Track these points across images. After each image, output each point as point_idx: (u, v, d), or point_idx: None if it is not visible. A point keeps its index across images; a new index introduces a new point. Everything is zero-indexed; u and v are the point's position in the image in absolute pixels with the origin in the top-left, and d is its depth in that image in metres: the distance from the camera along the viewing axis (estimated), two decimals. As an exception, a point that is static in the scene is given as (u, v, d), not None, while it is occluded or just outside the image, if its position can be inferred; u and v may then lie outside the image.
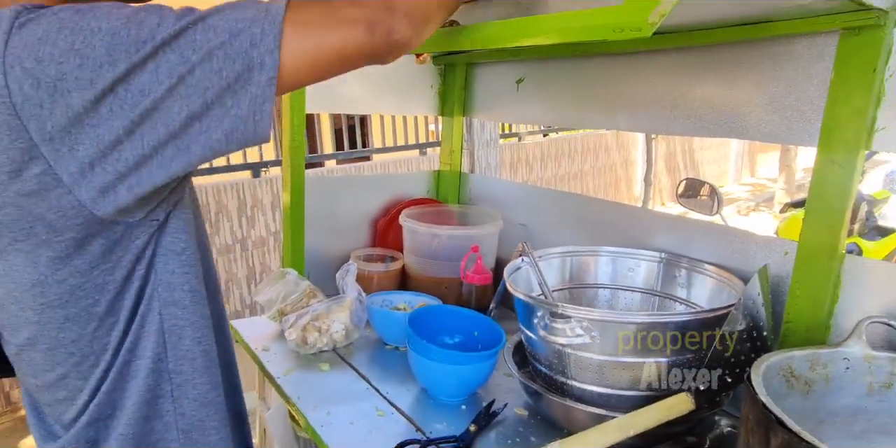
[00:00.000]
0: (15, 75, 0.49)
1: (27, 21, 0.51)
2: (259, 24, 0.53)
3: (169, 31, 0.51)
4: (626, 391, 0.87)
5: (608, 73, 1.23)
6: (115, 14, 0.51)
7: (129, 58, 0.50)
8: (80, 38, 0.50)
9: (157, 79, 0.51)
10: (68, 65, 0.49)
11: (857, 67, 0.79)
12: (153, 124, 0.52)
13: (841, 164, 0.82)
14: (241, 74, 0.53)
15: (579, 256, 1.16)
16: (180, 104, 0.52)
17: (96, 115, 0.51)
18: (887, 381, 0.76)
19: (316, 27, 0.57)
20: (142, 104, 0.51)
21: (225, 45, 0.52)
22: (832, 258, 0.84)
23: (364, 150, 4.87)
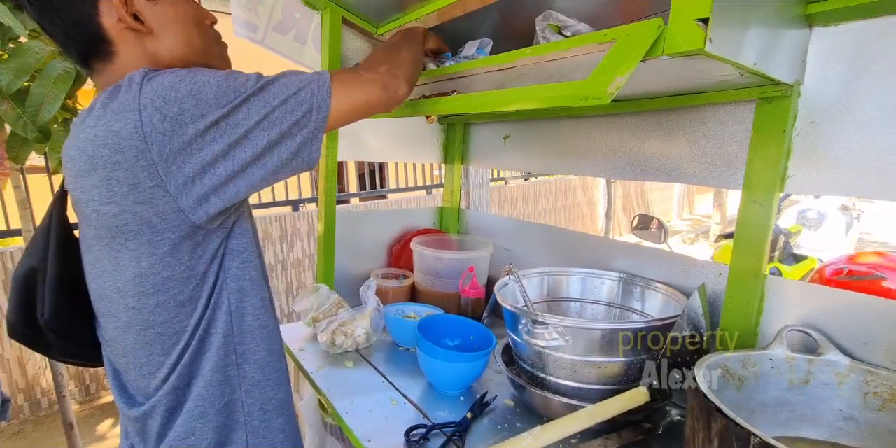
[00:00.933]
0: (147, 112, 0.54)
1: (155, 76, 0.57)
2: (316, 83, 0.64)
3: (256, 86, 0.59)
4: (593, 385, 0.87)
5: (576, 131, 1.27)
6: (217, 74, 0.59)
7: (229, 102, 0.57)
8: (195, 87, 0.56)
9: (248, 116, 0.58)
10: (187, 104, 0.55)
11: (770, 128, 0.82)
12: (243, 149, 0.59)
13: (761, 204, 0.84)
14: (305, 114, 0.62)
15: (555, 276, 1.16)
16: (263, 134, 0.59)
17: (202, 141, 0.57)
18: (805, 378, 0.76)
19: (352, 87, 0.68)
20: (236, 134, 0.58)
21: (296, 95, 0.62)
22: (757, 278, 0.85)
23: (382, 190, 4.92)
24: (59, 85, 1.29)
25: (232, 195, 0.60)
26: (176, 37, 0.66)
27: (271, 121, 0.59)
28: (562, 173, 1.44)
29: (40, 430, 2.73)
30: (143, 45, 0.64)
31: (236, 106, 0.57)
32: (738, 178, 0.89)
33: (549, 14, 0.89)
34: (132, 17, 0.62)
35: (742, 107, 0.89)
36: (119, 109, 0.55)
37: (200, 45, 0.69)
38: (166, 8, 0.65)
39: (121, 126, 0.55)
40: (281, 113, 0.60)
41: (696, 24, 0.55)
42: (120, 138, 0.55)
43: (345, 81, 0.67)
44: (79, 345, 0.71)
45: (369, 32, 1.33)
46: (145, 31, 0.64)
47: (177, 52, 0.67)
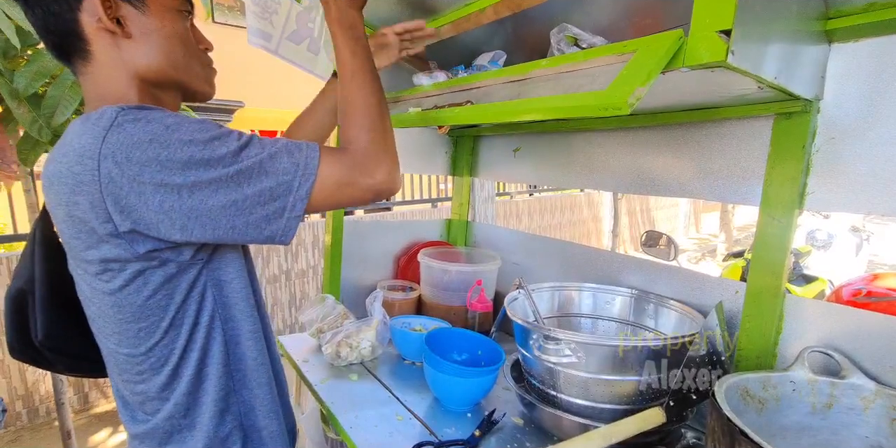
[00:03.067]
0: (107, 164, 0.52)
1: (125, 121, 0.53)
2: (298, 177, 0.58)
3: (233, 166, 0.55)
4: (607, 404, 0.83)
5: (588, 145, 1.26)
6: (196, 140, 0.54)
7: (198, 178, 0.54)
8: (164, 153, 0.53)
9: (213, 197, 0.55)
10: (150, 169, 0.53)
11: (789, 144, 0.80)
12: (202, 224, 0.56)
13: (779, 221, 0.82)
14: (277, 211, 0.58)
15: (566, 290, 1.14)
16: (226, 219, 0.56)
17: (159, 203, 0.54)
18: (828, 402, 0.73)
19: (338, 190, 0.62)
20: (196, 209, 0.55)
21: (272, 189, 0.57)
22: (776, 297, 0.83)
23: (388, 202, 4.92)
24: (75, 89, 1.30)
25: (180, 249, 0.60)
26: (157, 48, 0.63)
27: (239, 208, 0.56)
28: (572, 187, 1.43)
29: (37, 438, 2.69)
30: (120, 49, 0.62)
31: (203, 183, 0.54)
32: (756, 194, 0.87)
33: (564, 27, 0.89)
34: (114, 21, 0.60)
35: (759, 122, 0.88)
36: (81, 151, 0.53)
37: (182, 62, 0.66)
38: (154, 19, 0.63)
39: (80, 169, 0.53)
40: (251, 204, 0.56)
41: (718, 35, 0.54)
42: (78, 182, 0.53)
43: (335, 178, 0.61)
44: (79, 359, 0.71)
45: (383, 45, 1.34)
46: (123, 36, 0.61)
47: (154, 63, 0.63)
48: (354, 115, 0.69)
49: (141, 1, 0.62)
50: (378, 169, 0.65)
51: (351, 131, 0.68)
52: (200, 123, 0.56)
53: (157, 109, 0.56)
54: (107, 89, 0.62)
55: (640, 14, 0.93)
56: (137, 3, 0.62)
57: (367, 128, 0.68)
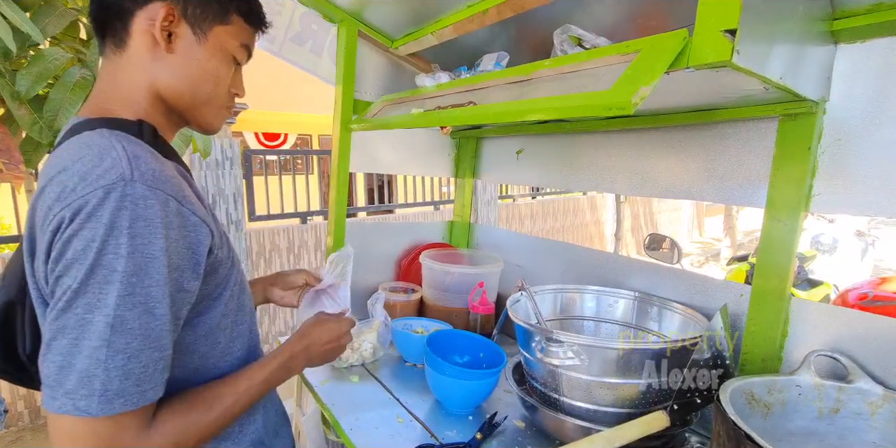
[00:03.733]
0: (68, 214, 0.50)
1: (121, 196, 0.49)
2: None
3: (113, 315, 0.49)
4: (610, 408, 0.82)
5: (591, 147, 1.25)
6: (120, 271, 0.49)
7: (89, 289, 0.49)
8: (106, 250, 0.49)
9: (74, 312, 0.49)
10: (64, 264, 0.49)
11: (794, 146, 0.80)
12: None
13: (785, 223, 0.81)
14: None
15: (568, 293, 1.13)
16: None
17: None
18: (834, 407, 0.72)
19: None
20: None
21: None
22: (781, 300, 0.82)
23: (390, 205, 4.93)
24: (77, 91, 1.30)
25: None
26: (188, 76, 0.62)
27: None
28: (576, 189, 1.42)
29: (39, 438, 2.69)
30: (153, 58, 0.60)
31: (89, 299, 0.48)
32: (761, 196, 0.87)
33: (568, 27, 0.88)
34: (165, 33, 0.60)
35: (764, 123, 0.87)
36: (74, 185, 0.50)
37: (203, 98, 0.65)
38: (203, 51, 0.62)
39: (47, 224, 0.51)
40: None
41: (723, 35, 0.54)
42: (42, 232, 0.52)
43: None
44: None
45: (385, 46, 1.34)
46: (165, 48, 0.60)
47: (176, 86, 0.62)
48: (210, 414, 0.58)
49: (203, 31, 0.62)
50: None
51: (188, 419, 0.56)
52: (145, 275, 0.50)
53: (157, 205, 0.51)
54: (121, 85, 0.61)
55: (644, 15, 0.93)
56: (199, 31, 0.62)
57: (195, 431, 0.56)
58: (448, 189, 5.86)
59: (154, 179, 0.52)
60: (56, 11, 1.35)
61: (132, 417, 0.50)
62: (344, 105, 1.29)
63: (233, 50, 0.65)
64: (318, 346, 0.76)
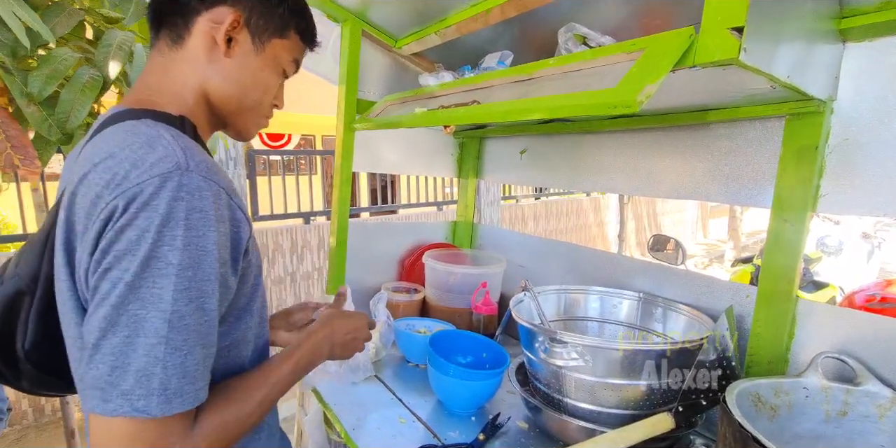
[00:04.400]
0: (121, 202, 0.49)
1: (175, 187, 0.48)
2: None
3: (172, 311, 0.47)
4: (614, 409, 0.82)
5: (595, 147, 1.25)
6: (175, 264, 0.47)
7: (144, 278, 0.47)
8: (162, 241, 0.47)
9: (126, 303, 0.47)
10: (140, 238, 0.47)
11: (802, 145, 0.79)
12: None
13: (792, 223, 0.80)
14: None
15: (572, 293, 1.12)
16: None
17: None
18: (842, 410, 0.71)
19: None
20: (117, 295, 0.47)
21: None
22: (788, 301, 0.81)
23: (393, 205, 4.93)
24: (88, 91, 1.31)
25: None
26: (239, 81, 0.63)
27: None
28: (580, 189, 1.41)
29: (43, 437, 2.70)
30: (209, 59, 0.61)
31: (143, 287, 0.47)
32: (767, 196, 0.86)
33: (572, 26, 0.88)
34: (226, 37, 0.60)
35: (771, 123, 0.87)
36: (105, 196, 0.48)
37: (248, 105, 0.66)
38: (258, 60, 0.64)
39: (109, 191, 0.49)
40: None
41: (730, 33, 0.53)
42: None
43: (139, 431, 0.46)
44: (55, 375, 0.61)
45: (388, 45, 1.34)
46: (221, 52, 0.61)
47: (227, 90, 0.63)
48: (248, 404, 0.57)
49: (262, 42, 0.63)
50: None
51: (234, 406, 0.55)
52: (199, 267, 0.48)
53: (211, 197, 0.50)
54: (171, 81, 0.61)
55: (649, 14, 0.93)
56: (258, 41, 0.63)
57: (235, 422, 0.55)
58: (451, 190, 5.86)
59: (208, 171, 0.51)
60: (64, 11, 1.35)
61: (181, 419, 0.48)
62: (347, 104, 1.29)
63: (284, 63, 0.67)
64: (340, 335, 0.75)
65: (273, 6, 0.63)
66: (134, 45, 1.42)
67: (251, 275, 0.59)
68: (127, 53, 1.40)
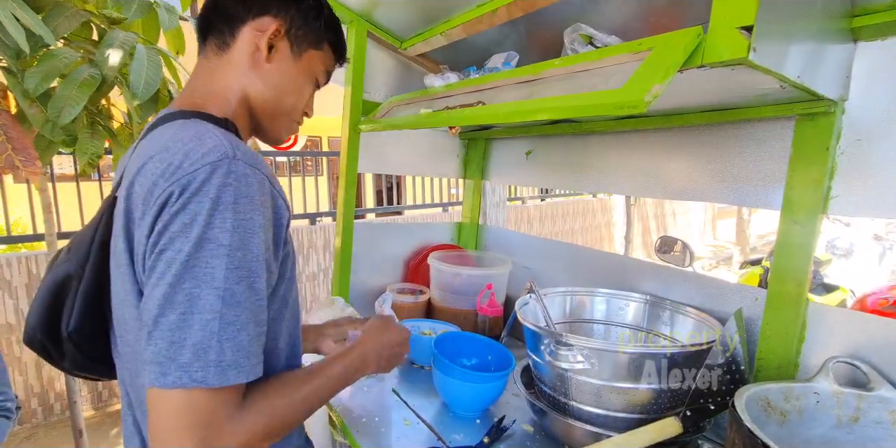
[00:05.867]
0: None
1: (227, 172, 0.52)
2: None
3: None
4: (620, 413, 0.81)
5: (600, 148, 1.24)
6: (228, 244, 0.50)
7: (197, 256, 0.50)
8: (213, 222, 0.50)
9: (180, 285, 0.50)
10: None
11: (812, 146, 0.78)
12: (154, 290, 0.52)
13: (802, 225, 0.79)
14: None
15: (578, 295, 1.12)
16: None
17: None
18: (854, 415, 0.70)
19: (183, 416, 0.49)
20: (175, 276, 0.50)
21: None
22: (798, 304, 0.79)
23: (399, 206, 4.93)
24: (84, 89, 1.32)
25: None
26: (277, 87, 0.68)
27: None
28: (586, 191, 1.40)
29: (51, 435, 2.72)
30: (252, 65, 0.66)
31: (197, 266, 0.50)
32: (776, 198, 0.85)
33: (579, 26, 0.87)
34: (268, 45, 0.66)
35: (780, 123, 0.85)
36: (160, 184, 0.52)
37: (284, 109, 0.71)
38: (294, 68, 0.69)
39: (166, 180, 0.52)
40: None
41: (739, 32, 0.53)
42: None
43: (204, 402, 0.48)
44: (95, 360, 0.66)
45: (394, 46, 1.34)
46: (262, 57, 0.66)
47: (266, 94, 0.68)
48: (296, 407, 0.59)
49: (299, 52, 0.69)
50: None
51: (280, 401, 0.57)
52: (250, 245, 0.52)
53: (255, 184, 0.53)
54: (217, 84, 0.66)
55: (656, 14, 0.92)
56: (296, 51, 0.69)
57: (281, 428, 0.57)
58: (457, 191, 5.85)
59: (253, 160, 0.55)
60: (67, 12, 1.36)
61: (234, 392, 0.51)
62: (353, 106, 1.29)
63: (318, 73, 0.73)
64: (387, 349, 0.78)
65: (311, 20, 0.69)
66: (135, 45, 1.43)
67: (289, 263, 0.62)
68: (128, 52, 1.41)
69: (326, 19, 0.72)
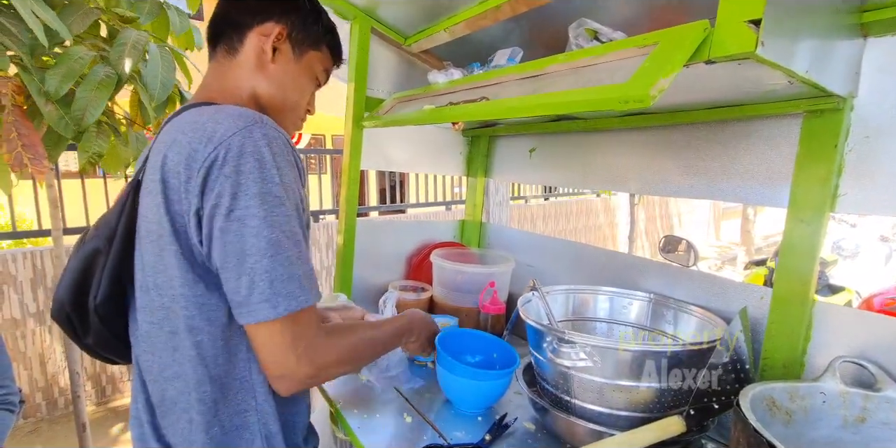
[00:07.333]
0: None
1: (257, 131, 0.60)
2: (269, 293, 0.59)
3: (272, 229, 0.60)
4: (622, 411, 0.80)
5: (606, 145, 1.23)
6: (274, 194, 0.59)
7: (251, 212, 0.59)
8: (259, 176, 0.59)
9: (244, 237, 0.60)
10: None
11: (820, 144, 0.77)
12: (218, 249, 0.61)
13: (808, 223, 0.78)
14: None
15: (581, 293, 1.11)
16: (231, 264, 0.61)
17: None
18: (861, 416, 0.69)
19: (274, 343, 0.61)
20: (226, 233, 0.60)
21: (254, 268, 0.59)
22: (804, 303, 0.79)
23: (402, 204, 4.93)
24: (102, 90, 1.33)
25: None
26: (280, 85, 0.74)
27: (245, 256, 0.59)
28: (590, 189, 1.40)
29: (55, 429, 2.74)
30: (258, 66, 0.73)
31: (247, 220, 0.58)
32: (783, 196, 0.83)
33: (584, 21, 0.86)
34: (272, 47, 0.72)
35: (788, 120, 0.84)
36: (201, 151, 0.58)
37: (287, 105, 0.77)
38: (296, 67, 0.76)
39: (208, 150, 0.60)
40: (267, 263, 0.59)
41: (747, 25, 0.52)
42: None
43: (290, 331, 0.60)
44: (116, 336, 0.70)
45: (397, 43, 1.34)
46: (267, 59, 0.73)
47: (270, 92, 0.74)
48: (358, 353, 0.73)
49: (300, 53, 0.76)
50: (309, 372, 0.62)
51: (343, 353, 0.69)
52: (288, 189, 0.61)
53: (283, 145, 0.62)
54: (228, 84, 0.72)
55: (662, 9, 0.91)
56: (297, 51, 0.76)
57: (349, 359, 0.70)
58: (460, 189, 5.85)
59: (275, 126, 0.62)
60: (80, 10, 1.37)
61: (315, 312, 0.62)
62: (356, 102, 1.29)
63: (317, 72, 0.80)
64: (427, 331, 0.93)
65: (310, 24, 0.76)
66: (148, 43, 1.44)
67: (307, 214, 0.69)
68: (141, 52, 1.42)
69: (324, 23, 0.78)
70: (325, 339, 0.64)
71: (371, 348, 0.76)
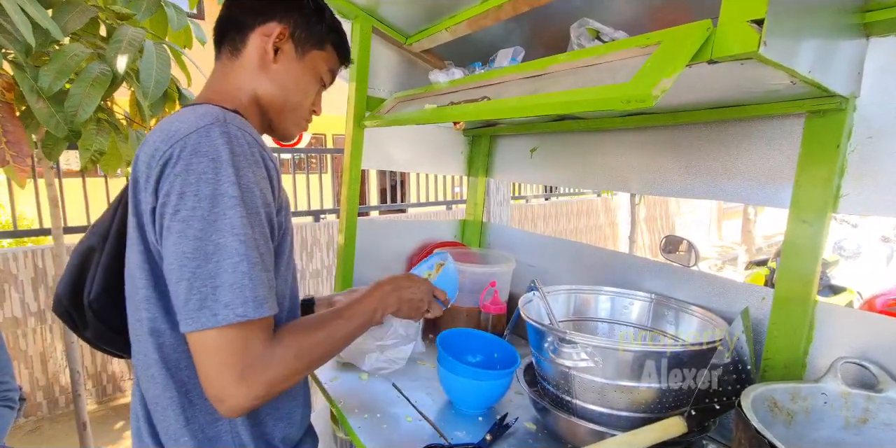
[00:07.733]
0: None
1: (217, 131, 0.58)
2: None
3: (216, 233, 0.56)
4: (624, 412, 0.80)
5: (607, 145, 1.23)
6: (231, 195, 0.56)
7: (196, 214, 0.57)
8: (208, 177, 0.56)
9: (186, 239, 0.57)
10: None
11: (822, 144, 0.76)
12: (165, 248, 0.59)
13: (810, 224, 0.78)
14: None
15: (582, 294, 1.11)
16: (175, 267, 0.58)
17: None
18: (862, 417, 0.69)
19: (211, 356, 0.55)
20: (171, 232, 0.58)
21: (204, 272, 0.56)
22: (806, 304, 0.78)
23: (403, 204, 4.93)
24: (97, 87, 1.32)
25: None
26: (282, 85, 0.73)
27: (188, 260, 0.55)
28: (591, 188, 1.39)
29: (56, 428, 2.75)
30: (261, 66, 0.72)
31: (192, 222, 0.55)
32: (785, 196, 0.83)
33: (585, 21, 0.86)
34: (274, 48, 0.71)
35: (790, 120, 0.84)
36: (161, 148, 0.58)
37: (290, 105, 0.76)
38: (298, 67, 0.74)
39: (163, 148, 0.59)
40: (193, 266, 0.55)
41: (750, 25, 0.52)
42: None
43: (229, 346, 0.54)
44: (114, 330, 0.72)
45: (399, 42, 1.34)
46: (270, 59, 0.72)
47: (273, 92, 0.73)
48: (318, 350, 0.65)
49: (302, 53, 0.74)
50: (255, 390, 0.55)
51: (298, 346, 0.62)
52: (251, 192, 0.58)
53: (245, 145, 0.59)
54: (230, 84, 0.72)
55: (664, 9, 0.91)
56: (300, 51, 0.74)
57: (305, 365, 0.62)
58: (461, 189, 5.84)
59: (241, 125, 0.60)
60: (77, 8, 1.37)
61: (268, 323, 0.57)
62: (357, 102, 1.29)
63: (322, 72, 0.78)
64: (406, 291, 0.83)
65: (314, 22, 0.74)
66: (144, 41, 1.43)
67: (283, 215, 0.67)
68: (137, 49, 1.41)
69: (328, 22, 0.77)
70: (273, 353, 0.57)
71: (331, 344, 0.67)
